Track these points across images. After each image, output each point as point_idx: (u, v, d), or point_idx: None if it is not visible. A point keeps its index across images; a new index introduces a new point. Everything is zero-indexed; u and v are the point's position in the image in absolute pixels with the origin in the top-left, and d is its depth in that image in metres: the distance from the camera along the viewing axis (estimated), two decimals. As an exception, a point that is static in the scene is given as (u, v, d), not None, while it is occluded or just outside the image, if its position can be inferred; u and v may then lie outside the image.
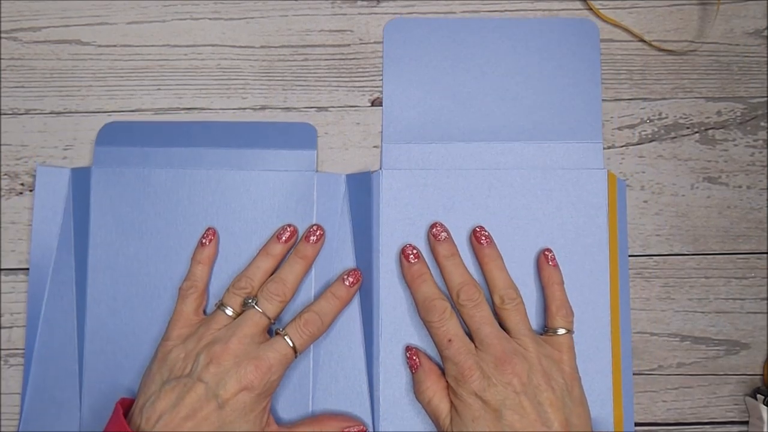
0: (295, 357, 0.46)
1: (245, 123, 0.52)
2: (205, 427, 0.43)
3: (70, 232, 0.51)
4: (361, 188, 0.51)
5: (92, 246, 0.50)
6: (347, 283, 0.49)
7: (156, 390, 0.44)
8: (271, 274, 0.49)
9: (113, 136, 0.52)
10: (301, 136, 0.52)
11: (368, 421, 0.49)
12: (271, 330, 0.48)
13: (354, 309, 0.50)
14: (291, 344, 0.46)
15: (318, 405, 0.49)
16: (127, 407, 0.45)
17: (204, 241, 0.50)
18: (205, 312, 0.49)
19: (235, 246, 0.50)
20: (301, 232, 0.50)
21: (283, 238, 0.49)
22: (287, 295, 0.48)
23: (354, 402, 0.49)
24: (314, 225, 0.50)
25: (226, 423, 0.43)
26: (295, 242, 0.50)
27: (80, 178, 0.51)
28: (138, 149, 0.51)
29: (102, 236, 0.50)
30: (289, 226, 0.50)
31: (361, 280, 0.50)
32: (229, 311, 0.47)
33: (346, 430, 0.47)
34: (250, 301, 0.47)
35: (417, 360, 0.48)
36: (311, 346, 0.49)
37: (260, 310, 0.46)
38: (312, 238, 0.49)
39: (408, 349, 0.49)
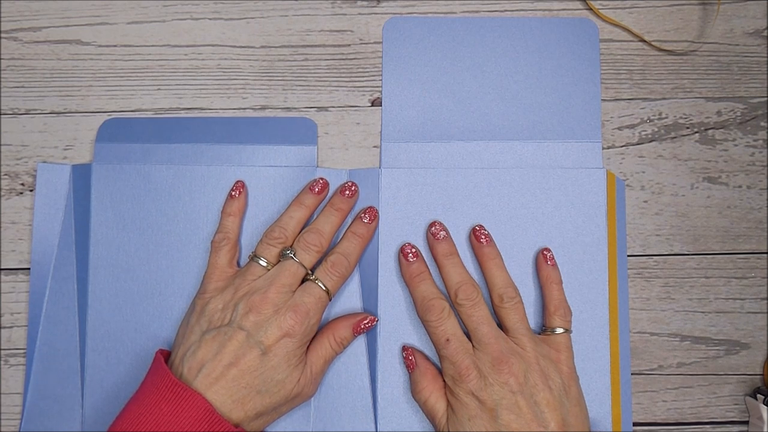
0: (329, 300, 0.47)
1: (245, 118, 0.53)
2: (248, 373, 0.43)
3: (71, 229, 0.51)
4: (366, 184, 0.51)
5: (93, 243, 0.50)
6: (366, 220, 0.49)
7: (196, 340, 0.45)
8: (303, 226, 0.49)
9: (113, 132, 0.52)
10: (301, 132, 0.52)
11: (370, 417, 0.49)
12: None
13: (356, 304, 0.50)
14: (324, 288, 0.47)
15: (320, 400, 0.49)
16: (164, 358, 0.46)
17: (233, 193, 0.50)
18: (238, 264, 0.50)
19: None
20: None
21: (316, 189, 0.50)
22: (324, 245, 0.48)
23: (356, 396, 0.49)
24: (349, 181, 0.50)
25: (269, 368, 0.44)
26: (326, 195, 0.50)
27: (81, 175, 0.51)
28: (138, 145, 0.51)
29: (103, 233, 0.50)
30: (321, 178, 0.50)
31: (378, 217, 0.50)
32: (263, 262, 0.47)
33: (356, 326, 0.48)
34: (288, 252, 0.47)
35: (413, 360, 0.48)
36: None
37: (298, 260, 0.47)
38: (347, 192, 0.50)
39: (404, 348, 0.49)
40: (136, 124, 0.52)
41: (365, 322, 0.48)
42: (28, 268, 0.51)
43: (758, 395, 0.50)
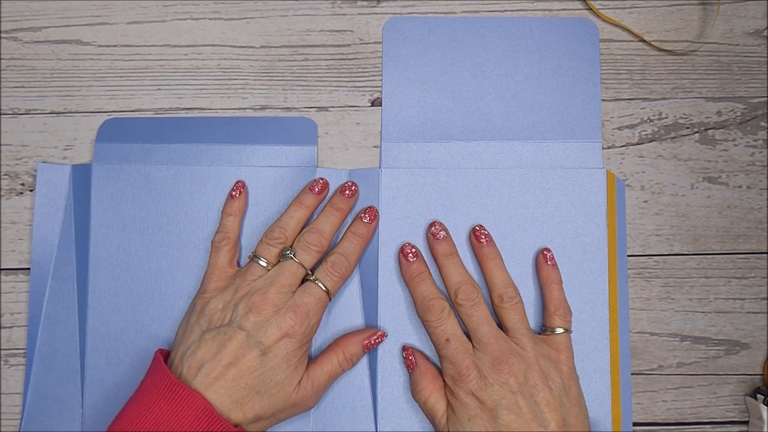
0: (329, 300, 0.47)
1: (245, 118, 0.53)
2: (248, 374, 0.44)
3: (71, 229, 0.51)
4: (366, 184, 0.51)
5: (93, 243, 0.50)
6: (366, 220, 0.49)
7: (196, 340, 0.45)
8: (303, 226, 0.49)
9: (113, 132, 0.52)
10: (301, 132, 0.52)
11: (370, 417, 0.49)
12: None
13: (356, 304, 0.50)
14: (324, 288, 0.47)
15: (320, 400, 0.49)
16: (163, 357, 0.46)
17: (234, 193, 0.50)
18: (238, 264, 0.50)
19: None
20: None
21: (316, 189, 0.50)
22: (324, 245, 0.48)
23: (356, 396, 0.49)
24: (349, 181, 0.50)
25: (269, 369, 0.44)
26: (326, 195, 0.50)
27: (81, 175, 0.51)
28: (138, 145, 0.51)
29: (103, 233, 0.50)
30: (321, 178, 0.50)
31: (378, 216, 0.50)
32: (263, 262, 0.47)
33: (366, 342, 0.48)
34: (287, 252, 0.47)
35: (413, 360, 0.48)
36: (312, 341, 0.49)
37: (297, 260, 0.47)
38: (347, 192, 0.50)
39: (404, 348, 0.49)
40: (136, 124, 0.52)
41: (374, 337, 0.48)
42: (28, 268, 0.51)
43: (758, 395, 0.50)
